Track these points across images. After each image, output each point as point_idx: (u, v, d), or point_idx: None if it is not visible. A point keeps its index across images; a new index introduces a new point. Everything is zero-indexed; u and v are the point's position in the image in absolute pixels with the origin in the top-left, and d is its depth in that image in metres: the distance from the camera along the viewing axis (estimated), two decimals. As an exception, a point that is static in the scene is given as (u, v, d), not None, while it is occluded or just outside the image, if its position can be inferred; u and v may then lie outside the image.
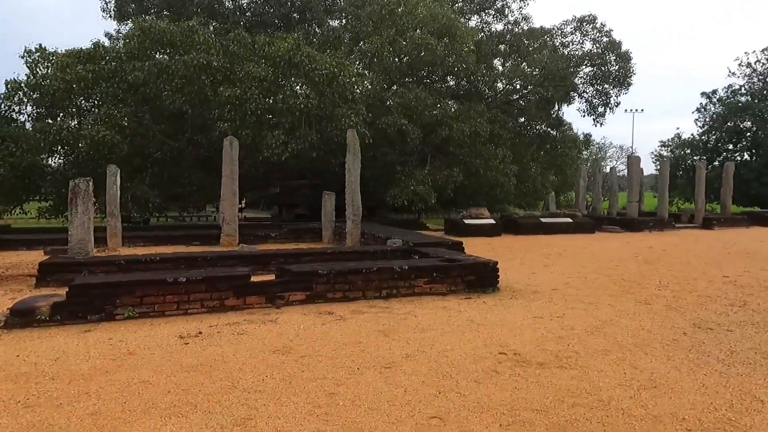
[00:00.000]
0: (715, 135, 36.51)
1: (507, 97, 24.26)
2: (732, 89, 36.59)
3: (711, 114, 37.45)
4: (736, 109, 34.99)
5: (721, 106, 36.76)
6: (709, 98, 38.12)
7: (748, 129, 35.35)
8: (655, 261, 10.17)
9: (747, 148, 35.81)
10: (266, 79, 13.34)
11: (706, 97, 38.36)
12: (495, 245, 12.64)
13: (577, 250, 11.96)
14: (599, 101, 22.80)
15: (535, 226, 15.65)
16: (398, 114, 16.48)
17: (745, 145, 35.77)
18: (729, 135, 35.74)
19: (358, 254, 8.17)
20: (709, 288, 7.43)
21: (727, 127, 35.48)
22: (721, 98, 37.08)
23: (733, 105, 35.50)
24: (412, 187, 16.75)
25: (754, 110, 34.14)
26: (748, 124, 35.29)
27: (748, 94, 35.81)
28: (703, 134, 37.20)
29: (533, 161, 24.95)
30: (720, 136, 36.13)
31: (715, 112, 37.18)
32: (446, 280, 6.80)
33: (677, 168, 34.13)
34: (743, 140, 35.74)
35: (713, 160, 34.60)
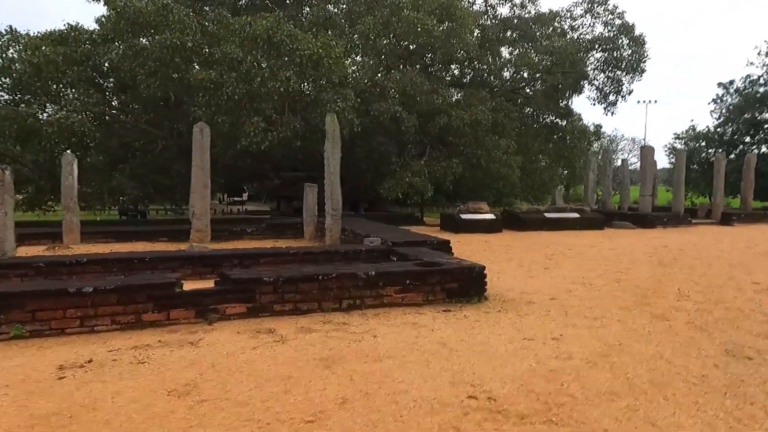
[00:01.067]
0: (732, 127, 35.05)
1: (513, 85, 22.95)
2: (750, 79, 35.06)
3: (728, 105, 35.98)
4: (754, 100, 33.46)
5: (739, 96, 35.26)
6: (726, 89, 36.59)
7: (766, 120, 33.87)
8: (672, 263, 8.97)
9: (765, 141, 34.32)
10: (245, 60, 12.23)
11: (722, 87, 36.84)
12: (492, 243, 11.49)
13: (584, 249, 10.78)
14: (611, 88, 21.42)
15: (538, 221, 14.46)
16: (392, 101, 15.31)
17: (763, 137, 34.27)
18: (746, 127, 34.25)
19: (327, 255, 7.08)
20: (739, 298, 6.25)
21: (745, 118, 33.99)
22: (738, 89, 35.59)
23: (750, 96, 33.97)
24: (408, 179, 15.61)
25: (773, 101, 32.61)
26: (766, 116, 33.80)
27: (766, 84, 34.23)
28: (719, 126, 35.75)
29: (541, 153, 23.71)
30: (737, 128, 34.65)
31: (732, 103, 35.72)
32: (422, 288, 5.69)
33: (691, 161, 32.85)
34: (761, 132, 34.26)
35: (729, 153, 33.24)
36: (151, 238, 10.75)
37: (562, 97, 22.49)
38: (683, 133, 40.26)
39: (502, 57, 23.20)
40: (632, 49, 20.07)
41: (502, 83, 22.46)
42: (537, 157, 23.37)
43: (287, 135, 12.64)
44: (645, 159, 16.28)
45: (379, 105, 15.02)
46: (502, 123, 19.66)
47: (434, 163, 16.64)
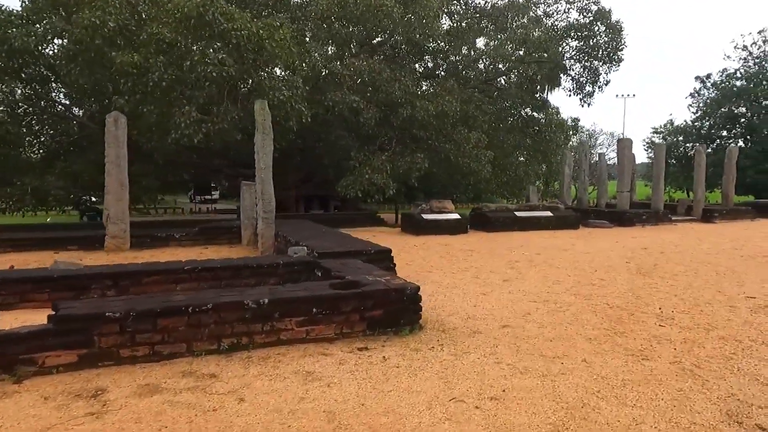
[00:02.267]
0: (709, 121, 34.61)
1: (486, 76, 21.78)
2: (727, 73, 34.69)
3: (705, 99, 35.53)
4: (731, 94, 33.01)
5: (716, 90, 34.82)
6: (704, 83, 36.16)
7: (742, 114, 33.49)
8: (652, 271, 7.81)
9: (742, 135, 33.94)
10: (174, 43, 10.75)
11: (700, 81, 36.40)
12: (453, 247, 10.23)
13: (555, 253, 9.58)
14: (587, 79, 20.36)
15: (508, 221, 13.27)
16: (349, 90, 13.96)
17: (739, 131, 33.85)
18: (723, 121, 33.87)
19: (232, 271, 5.72)
20: (734, 321, 5.06)
21: (722, 112, 33.55)
22: (715, 83, 35.17)
23: (727, 90, 33.55)
24: (367, 175, 14.29)
25: (749, 95, 32.15)
26: (743, 110, 33.39)
27: (743, 78, 33.81)
28: (697, 120, 35.34)
29: (516, 148, 22.61)
30: (714, 122, 34.17)
31: (709, 97, 35.28)
32: (335, 318, 4.38)
33: (669, 155, 32.41)
34: (738, 126, 33.89)
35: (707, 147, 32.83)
36: (59, 246, 9.25)
37: (538, 89, 21.36)
38: (661, 127, 39.79)
39: (477, 49, 22.08)
40: (609, 37, 19.01)
41: (478, 75, 21.28)
42: (512, 151, 22.30)
43: (224, 127, 11.20)
44: (622, 153, 15.20)
45: (334, 95, 13.67)
46: (473, 115, 18.47)
47: (398, 158, 15.35)
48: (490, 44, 22.17)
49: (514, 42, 20.23)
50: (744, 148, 32.19)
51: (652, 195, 16.14)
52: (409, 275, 7.20)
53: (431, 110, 15.00)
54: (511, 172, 21.44)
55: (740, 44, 36.77)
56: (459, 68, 21.12)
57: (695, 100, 36.50)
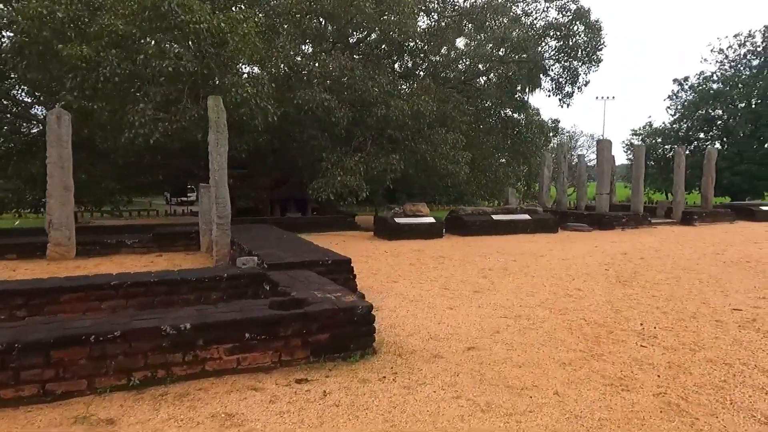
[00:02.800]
0: (687, 123, 34.88)
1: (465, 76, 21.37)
2: (704, 76, 35.01)
3: (683, 101, 35.80)
4: (708, 97, 33.29)
5: (693, 93, 35.10)
6: (681, 85, 36.43)
7: (719, 117, 33.81)
8: (632, 279, 7.35)
9: (718, 137, 34.22)
10: (128, 35, 10.04)
11: (678, 84, 36.66)
12: (425, 253, 9.68)
13: (531, 259, 9.09)
14: (566, 79, 20.04)
15: (485, 225, 12.78)
16: (320, 88, 13.35)
17: (716, 133, 34.14)
18: (700, 123, 34.13)
19: (168, 287, 5.07)
20: (722, 338, 4.59)
21: (699, 114, 33.84)
22: (692, 85, 35.45)
23: (704, 92, 33.82)
24: (339, 177, 13.68)
25: (725, 97, 32.44)
26: (719, 112, 33.71)
27: (720, 81, 34.15)
28: (675, 122, 35.63)
29: (496, 149, 22.24)
30: (692, 124, 34.43)
31: (687, 99, 35.56)
32: (273, 344, 3.78)
33: (648, 157, 32.58)
34: (714, 128, 34.19)
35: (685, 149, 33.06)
36: (-5, 255, 8.47)
37: (518, 90, 21.00)
38: (640, 129, 39.99)
39: (457, 49, 21.72)
40: (588, 36, 18.70)
41: (457, 75, 20.87)
42: (492, 153, 21.92)
43: (184, 125, 10.51)
44: (601, 154, 14.85)
45: (304, 93, 13.04)
46: (451, 116, 18.02)
47: (372, 159, 14.78)
48: (470, 44, 21.82)
49: (494, 41, 19.86)
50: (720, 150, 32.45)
51: (632, 197, 15.84)
52: (373, 286, 6.63)
53: (406, 110, 14.46)
54: (491, 174, 21.08)
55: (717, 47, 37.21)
56: (438, 69, 20.70)
57: (673, 103, 36.77)
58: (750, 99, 31.72)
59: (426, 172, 17.15)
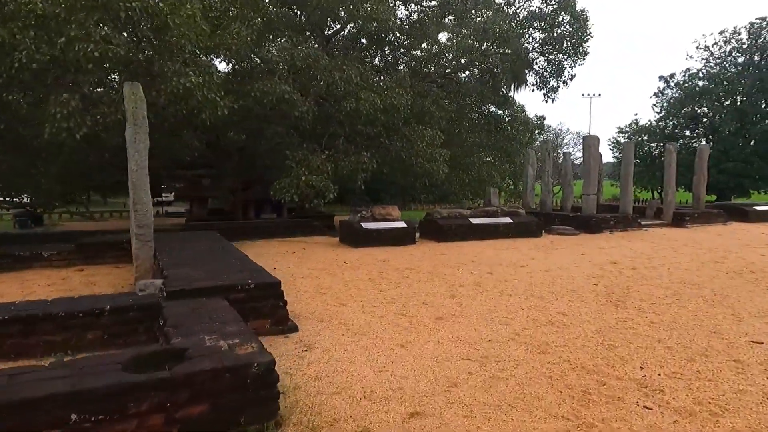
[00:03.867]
0: (673, 121, 34.32)
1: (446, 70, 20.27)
2: (690, 73, 34.47)
3: (668, 99, 35.23)
4: (694, 94, 32.72)
5: (679, 90, 34.54)
6: (667, 82, 35.88)
7: (705, 114, 33.27)
8: (626, 297, 6.25)
9: (704, 135, 33.67)
10: (52, 15, 8.71)
11: (664, 81, 36.11)
12: (390, 265, 8.50)
13: (509, 272, 7.96)
14: (551, 72, 19.01)
15: (462, 229, 11.65)
16: (280, 79, 12.11)
17: (702, 131, 33.56)
18: (686, 121, 33.56)
19: (21, 325, 3.82)
20: (747, 391, 3.47)
21: (685, 112, 33.26)
22: (678, 83, 34.88)
23: (690, 90, 33.25)
24: (304, 177, 12.45)
25: (711, 95, 31.85)
26: (705, 110, 33.15)
27: (705, 78, 33.59)
28: (661, 120, 35.08)
29: (479, 147, 21.17)
30: (678, 121, 33.84)
31: (673, 96, 35.00)
32: (120, 425, 2.58)
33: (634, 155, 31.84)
34: (700, 126, 33.65)
35: None
36: None
37: (501, 84, 19.92)
38: (626, 126, 39.40)
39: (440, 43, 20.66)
40: (574, 27, 17.67)
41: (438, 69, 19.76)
42: (474, 151, 20.86)
43: (119, 118, 9.21)
44: (588, 151, 13.79)
45: (263, 84, 11.78)
46: (429, 111, 16.91)
47: (342, 157, 13.59)
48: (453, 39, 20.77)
49: (475, 34, 18.77)
50: (706, 147, 31.90)
51: (621, 197, 14.82)
52: (315, 311, 5.45)
53: (378, 104, 13.27)
54: (474, 173, 20.02)
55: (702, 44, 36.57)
56: (420, 63, 19.62)
57: (659, 100, 36.23)
58: (735, 96, 31.17)
59: (402, 171, 16.03)
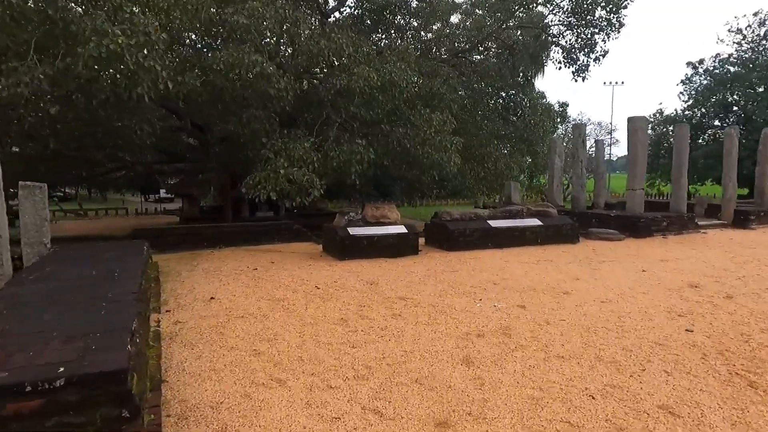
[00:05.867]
0: (701, 109, 31.49)
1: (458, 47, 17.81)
2: (720, 59, 31.64)
3: (697, 86, 32.38)
4: (724, 81, 29.86)
5: (709, 77, 31.69)
6: (696, 69, 32.99)
7: (736, 102, 30.41)
8: (757, 364, 3.76)
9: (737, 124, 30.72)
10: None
11: (692, 67, 33.23)
12: (378, 291, 6.06)
13: (549, 304, 5.48)
14: (581, 45, 16.36)
15: (479, 234, 9.16)
16: (250, 48, 9.73)
17: (733, 120, 30.63)
18: (716, 109, 30.68)
19: None
20: None
21: (714, 100, 30.40)
22: (708, 69, 32.02)
23: (720, 76, 30.41)
24: (283, 170, 10.07)
25: (743, 81, 28.96)
26: (736, 97, 30.27)
27: (737, 63, 30.69)
28: (688, 109, 32.30)
29: (496, 137, 18.63)
30: (706, 110, 30.93)
31: (702, 84, 32.15)
32: None
33: (659, 146, 29.39)
34: (731, 115, 30.78)
35: (698, 137, 29.82)
36: None
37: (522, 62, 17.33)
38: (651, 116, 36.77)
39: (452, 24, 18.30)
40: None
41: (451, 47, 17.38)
42: (491, 140, 18.35)
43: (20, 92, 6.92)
44: (635, 136, 11.16)
45: (228, 53, 9.42)
46: (438, 93, 14.42)
47: (331, 146, 11.19)
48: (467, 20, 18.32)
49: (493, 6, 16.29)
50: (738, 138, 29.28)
51: (672, 193, 12.16)
52: (224, 399, 3.06)
53: (375, 80, 10.81)
54: (490, 165, 17.48)
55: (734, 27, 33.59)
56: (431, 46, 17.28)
57: (687, 88, 33.44)
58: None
59: (406, 162, 13.55)
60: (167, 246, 9.53)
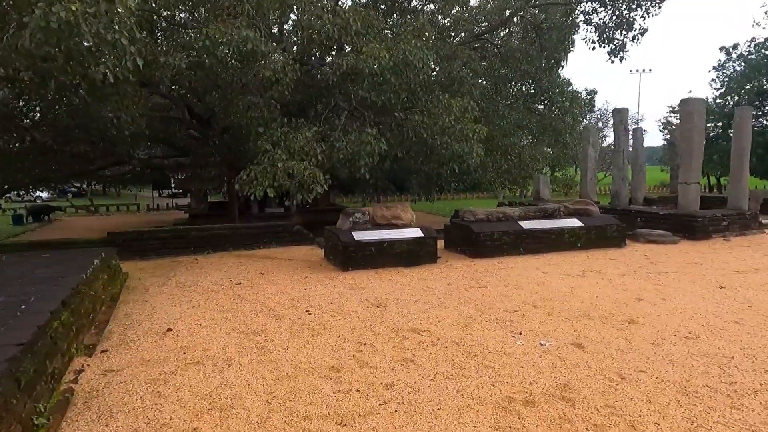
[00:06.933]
0: (735, 98, 29.36)
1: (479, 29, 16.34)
2: (756, 43, 29.44)
3: (730, 73, 30.22)
4: (760, 67, 27.71)
5: (743, 63, 29.52)
6: (729, 54, 30.78)
7: (773, 89, 28.28)
8: None
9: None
10: None
11: (725, 52, 31.01)
12: (381, 319, 4.71)
13: (615, 341, 4.08)
14: (616, 23, 14.69)
15: (509, 238, 7.75)
16: (242, 24, 8.44)
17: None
18: (751, 97, 28.52)
19: None
20: None
21: (749, 87, 28.25)
22: (742, 54, 29.83)
23: (756, 62, 28.23)
24: (281, 164, 8.77)
25: (781, 67, 26.86)
26: (773, 84, 28.15)
27: (775, 47, 28.54)
28: (720, 97, 30.15)
29: (520, 126, 17.09)
30: (740, 99, 28.78)
31: (736, 70, 29.99)
32: None
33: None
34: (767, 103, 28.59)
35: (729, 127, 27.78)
36: None
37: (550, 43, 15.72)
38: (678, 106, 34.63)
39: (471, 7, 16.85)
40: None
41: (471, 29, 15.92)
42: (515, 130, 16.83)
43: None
44: (691, 121, 9.56)
45: (214, 28, 8.13)
46: (458, 77, 12.96)
47: (338, 135, 9.86)
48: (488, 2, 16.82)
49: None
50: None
51: (730, 186, 10.53)
52: None
53: (387, 59, 9.42)
54: (514, 157, 15.98)
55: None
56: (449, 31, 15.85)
57: (719, 74, 31.27)
58: (811, 68, 26.12)
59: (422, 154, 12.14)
60: (149, 251, 8.34)
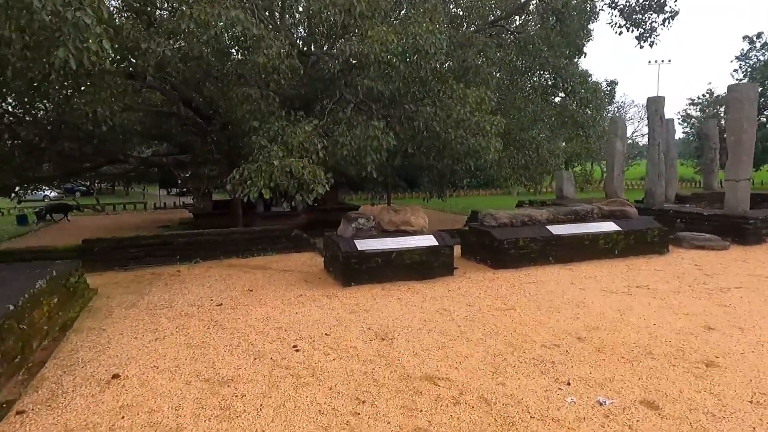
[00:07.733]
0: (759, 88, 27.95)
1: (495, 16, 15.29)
2: None
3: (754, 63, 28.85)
4: None
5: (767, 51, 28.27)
6: (753, 43, 29.39)
7: (800, 80, 26.97)
8: None
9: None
10: None
11: (748, 41, 29.62)
12: (386, 358, 3.71)
13: (683, 390, 3.07)
14: (644, 5, 13.52)
15: (536, 245, 6.72)
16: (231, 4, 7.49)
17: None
18: (775, 88, 27.20)
19: None
20: None
21: (774, 78, 27.02)
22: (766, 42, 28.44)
23: None
24: (278, 161, 7.81)
25: (809, 56, 25.53)
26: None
27: (804, 35, 27.17)
28: (744, 88, 28.60)
29: (537, 119, 15.99)
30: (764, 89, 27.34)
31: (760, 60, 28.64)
32: None
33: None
34: None
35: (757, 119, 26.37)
36: None
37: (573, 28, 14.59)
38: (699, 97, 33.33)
39: None
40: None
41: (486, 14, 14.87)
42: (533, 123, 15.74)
43: None
44: (740, 110, 8.39)
45: (200, 9, 7.19)
46: (473, 66, 11.93)
47: (342, 129, 8.88)
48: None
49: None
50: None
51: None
52: None
53: (395, 44, 8.42)
54: (531, 152, 14.89)
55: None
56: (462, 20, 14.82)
57: (743, 64, 29.88)
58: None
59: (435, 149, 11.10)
60: (129, 260, 7.44)
